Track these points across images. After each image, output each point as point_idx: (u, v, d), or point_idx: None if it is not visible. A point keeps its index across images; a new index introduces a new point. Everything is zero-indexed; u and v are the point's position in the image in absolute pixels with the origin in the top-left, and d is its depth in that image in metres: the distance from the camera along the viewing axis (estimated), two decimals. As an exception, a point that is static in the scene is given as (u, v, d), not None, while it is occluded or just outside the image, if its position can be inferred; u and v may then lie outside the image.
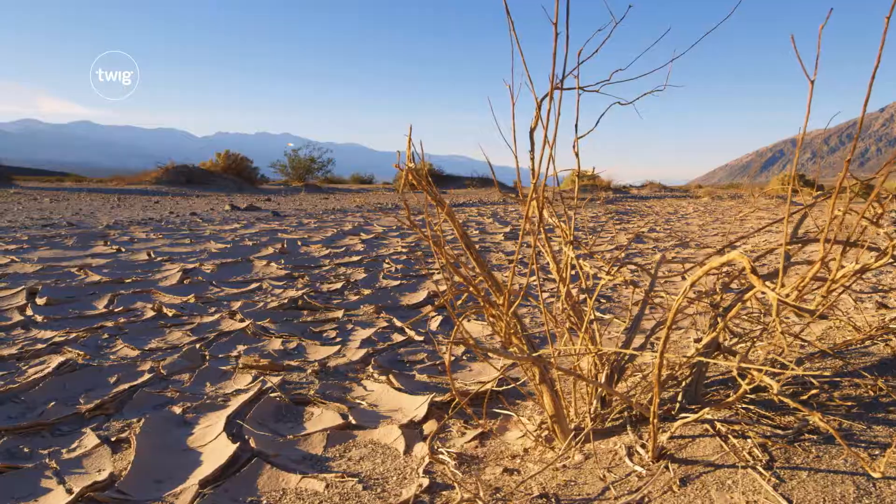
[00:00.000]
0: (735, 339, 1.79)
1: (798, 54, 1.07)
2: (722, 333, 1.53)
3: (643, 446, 1.43)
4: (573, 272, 1.81)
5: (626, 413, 1.58)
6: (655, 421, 1.26)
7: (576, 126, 1.75)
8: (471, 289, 1.68)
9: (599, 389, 1.62)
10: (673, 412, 1.55)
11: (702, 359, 1.28)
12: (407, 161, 1.61)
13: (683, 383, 1.59)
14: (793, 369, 1.08)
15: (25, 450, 1.71)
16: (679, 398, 1.58)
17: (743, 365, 1.13)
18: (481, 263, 1.61)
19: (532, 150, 1.81)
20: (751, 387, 1.17)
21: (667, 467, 1.32)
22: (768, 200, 18.36)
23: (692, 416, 1.33)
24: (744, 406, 1.48)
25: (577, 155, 1.75)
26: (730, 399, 1.31)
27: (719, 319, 1.61)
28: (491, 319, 1.54)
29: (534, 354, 1.44)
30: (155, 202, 13.50)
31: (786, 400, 1.28)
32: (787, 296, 1.14)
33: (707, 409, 1.30)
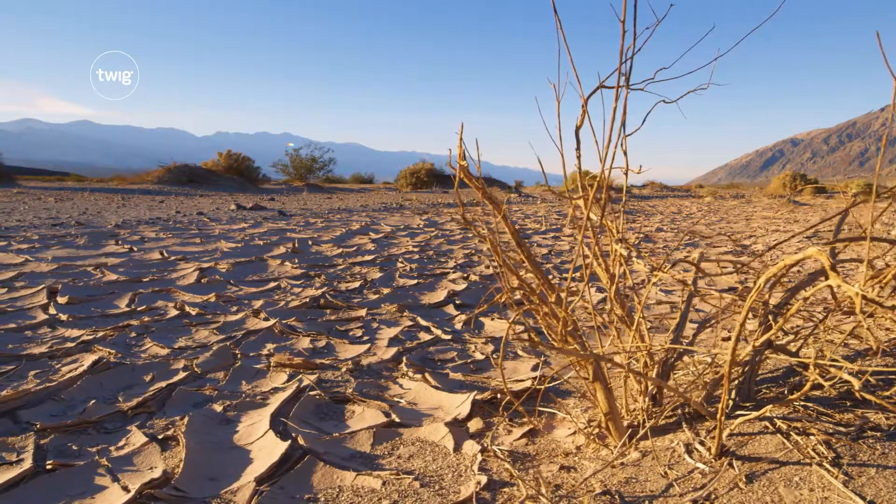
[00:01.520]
0: (790, 337, 1.80)
1: (884, 54, 1.07)
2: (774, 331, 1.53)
3: (702, 443, 1.43)
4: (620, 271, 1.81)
5: (679, 410, 1.58)
6: (723, 417, 1.26)
7: (623, 124, 1.75)
8: (513, 283, 1.68)
9: (651, 387, 1.63)
10: (727, 409, 1.56)
11: (776, 356, 1.28)
12: (459, 159, 1.61)
13: (736, 381, 1.59)
14: (886, 365, 1.09)
15: (74, 447, 1.71)
16: (732, 395, 1.58)
17: (819, 362, 1.13)
18: (533, 262, 1.61)
19: (578, 148, 1.81)
20: (830, 383, 1.17)
21: (730, 464, 1.32)
22: (771, 200, 18.39)
23: (754, 413, 1.33)
24: (801, 404, 1.49)
25: (625, 153, 1.75)
26: (793, 396, 1.31)
27: (770, 317, 1.61)
28: (546, 319, 1.54)
29: (594, 352, 1.44)
30: (160, 202, 13.48)
31: (869, 397, 1.29)
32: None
33: (770, 406, 1.30)
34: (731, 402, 1.57)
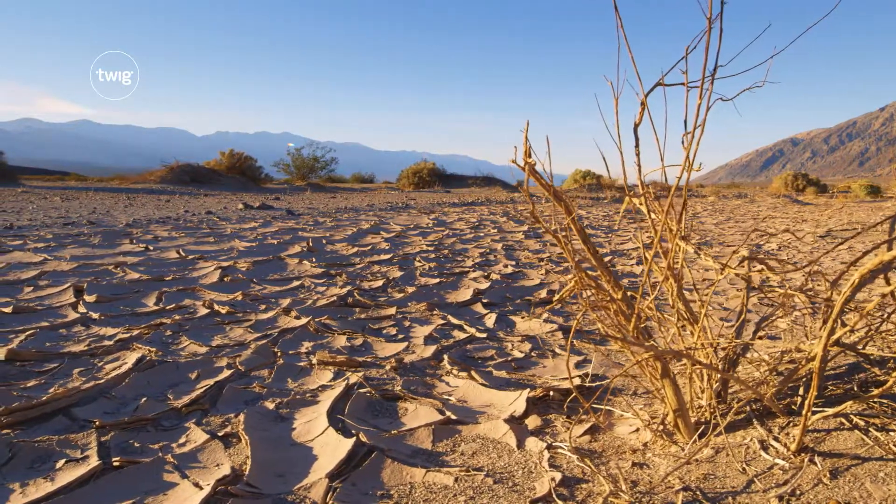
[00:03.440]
0: (861, 334, 1.80)
1: None
2: (840, 328, 1.53)
3: (776, 440, 1.43)
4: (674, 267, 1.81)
5: (748, 407, 1.58)
6: (809, 413, 1.27)
7: (685, 121, 1.75)
8: (576, 282, 1.68)
9: (716, 385, 1.63)
10: (794, 406, 1.56)
11: (873, 353, 1.29)
12: (525, 157, 1.61)
13: (804, 379, 1.59)
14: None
15: (136, 444, 1.71)
16: (800, 392, 1.59)
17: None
18: (600, 261, 1.61)
19: (637, 146, 1.81)
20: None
21: (812, 460, 1.32)
22: (775, 199, 18.44)
23: (832, 409, 1.34)
24: (875, 400, 1.49)
25: (686, 150, 1.76)
26: (874, 392, 1.32)
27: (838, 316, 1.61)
28: (617, 318, 1.54)
29: (673, 349, 1.44)
30: (166, 201, 13.45)
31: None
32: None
33: (850, 402, 1.31)
34: (799, 399, 1.57)
